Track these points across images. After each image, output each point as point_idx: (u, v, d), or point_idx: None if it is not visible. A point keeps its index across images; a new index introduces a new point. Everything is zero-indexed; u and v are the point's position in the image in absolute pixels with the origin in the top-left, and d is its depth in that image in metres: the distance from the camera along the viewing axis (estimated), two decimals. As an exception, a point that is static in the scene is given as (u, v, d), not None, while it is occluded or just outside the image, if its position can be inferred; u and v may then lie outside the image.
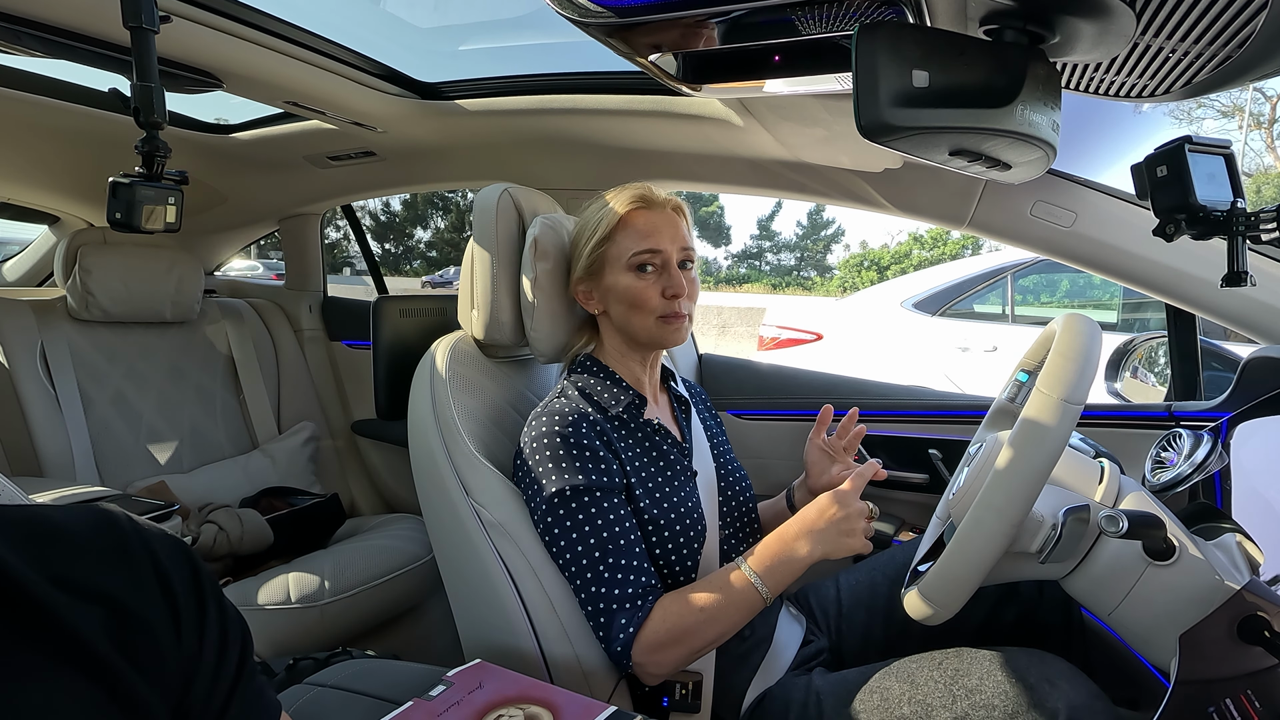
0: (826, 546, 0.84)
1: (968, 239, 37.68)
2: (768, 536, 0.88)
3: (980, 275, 3.45)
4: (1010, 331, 3.30)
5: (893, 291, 3.64)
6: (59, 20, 0.99)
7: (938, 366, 3.29)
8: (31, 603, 0.33)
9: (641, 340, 0.98)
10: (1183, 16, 0.57)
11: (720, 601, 0.84)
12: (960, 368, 3.25)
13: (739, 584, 0.84)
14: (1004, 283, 3.42)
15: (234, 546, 1.46)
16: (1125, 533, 0.65)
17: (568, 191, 1.52)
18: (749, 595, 0.84)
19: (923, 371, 3.29)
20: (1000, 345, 3.22)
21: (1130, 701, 0.92)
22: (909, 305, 3.49)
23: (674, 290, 0.94)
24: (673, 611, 0.84)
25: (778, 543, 0.86)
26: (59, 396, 1.54)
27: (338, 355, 2.16)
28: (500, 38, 1.76)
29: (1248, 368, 1.09)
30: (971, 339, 3.30)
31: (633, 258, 0.94)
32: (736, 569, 0.86)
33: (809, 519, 0.86)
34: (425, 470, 0.96)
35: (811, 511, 0.86)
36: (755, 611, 0.85)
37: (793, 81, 0.90)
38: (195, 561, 0.41)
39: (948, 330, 3.37)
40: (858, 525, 0.85)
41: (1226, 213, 0.73)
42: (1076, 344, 0.71)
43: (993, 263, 3.49)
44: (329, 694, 0.79)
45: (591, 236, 0.96)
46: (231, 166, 1.85)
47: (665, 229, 0.95)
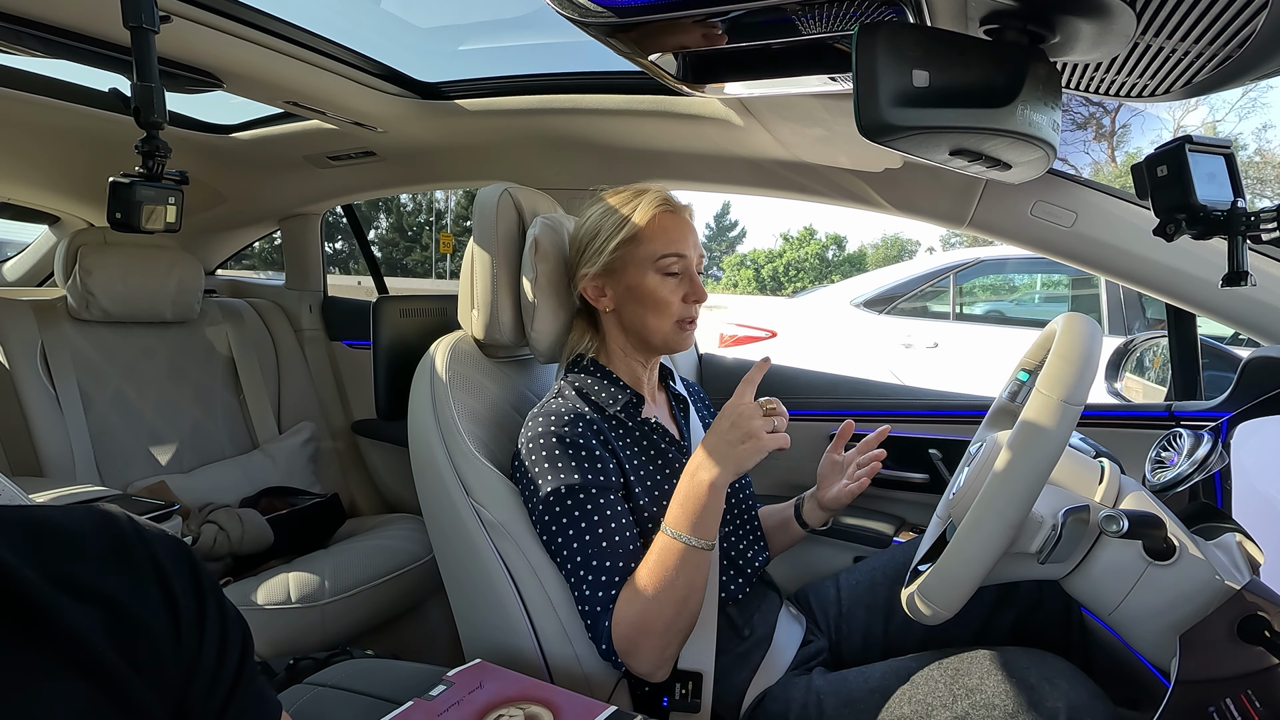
0: (731, 462, 0.80)
1: (832, 238, 39.46)
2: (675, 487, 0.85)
3: (924, 275, 3.67)
4: (951, 329, 3.53)
5: (843, 291, 3.86)
6: (59, 20, 0.99)
7: (883, 362, 3.49)
8: (31, 603, 0.33)
9: (654, 343, 0.98)
10: (1183, 16, 0.57)
11: (661, 572, 0.81)
12: (903, 363, 3.47)
13: (669, 546, 0.81)
14: (947, 282, 3.63)
15: (234, 546, 1.46)
16: (1125, 533, 0.65)
17: (568, 191, 1.52)
18: (684, 553, 0.81)
19: (868, 366, 3.47)
20: (941, 342, 3.45)
21: (1130, 701, 0.92)
22: (858, 304, 3.70)
23: (697, 296, 0.96)
24: (628, 600, 0.83)
25: (684, 487, 0.83)
26: (59, 396, 1.54)
27: (338, 355, 2.16)
28: (500, 38, 1.76)
29: (1248, 368, 1.09)
30: (915, 336, 3.52)
31: (661, 260, 0.94)
32: (661, 534, 0.83)
33: (703, 446, 0.82)
34: (425, 470, 0.96)
35: (704, 438, 0.83)
36: (702, 567, 0.82)
37: (793, 81, 0.90)
38: (195, 562, 0.41)
39: (893, 327, 3.58)
40: (750, 426, 0.80)
41: (1227, 213, 0.73)
42: (1076, 344, 0.71)
43: (937, 263, 3.75)
44: (329, 694, 0.79)
45: (615, 234, 0.95)
46: (231, 166, 1.85)
47: (689, 235, 0.97)
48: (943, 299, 3.70)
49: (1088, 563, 0.75)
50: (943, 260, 3.70)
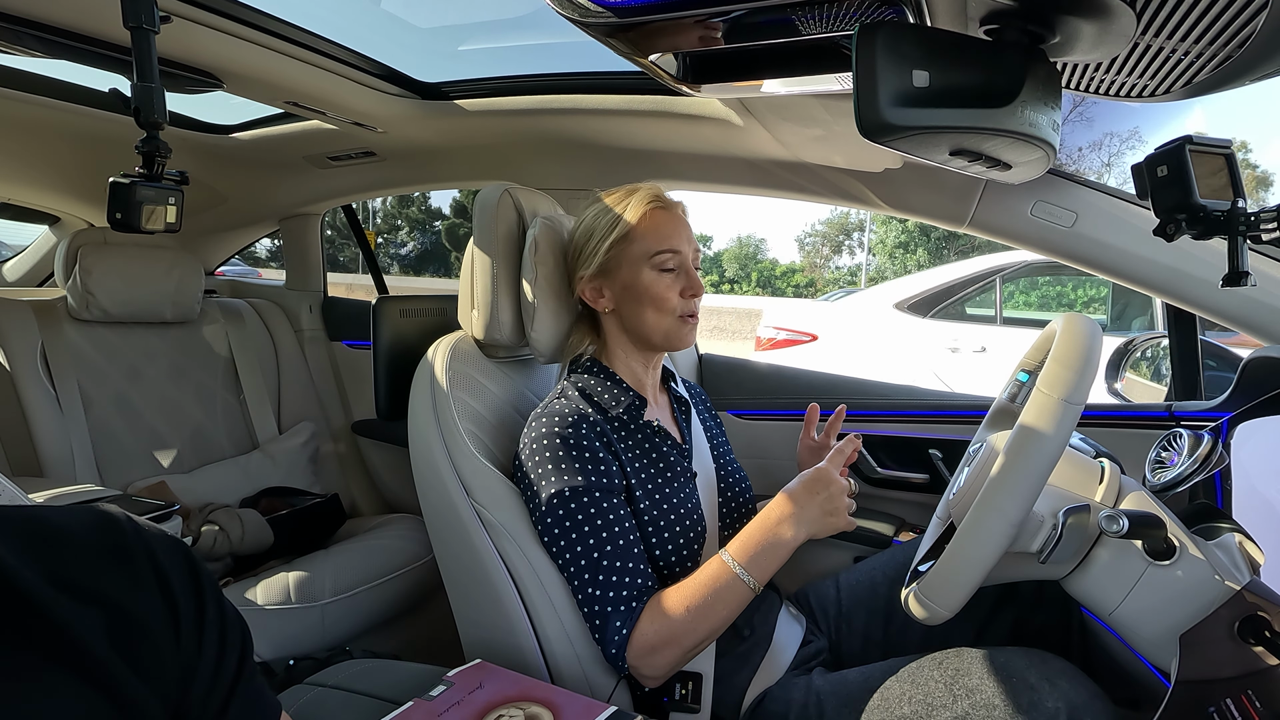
0: (812, 527, 0.82)
1: (700, 239, 40.64)
2: (750, 524, 0.86)
3: (969, 278, 3.59)
4: (997, 332, 3.43)
5: (885, 294, 3.78)
6: (59, 20, 0.99)
7: (928, 366, 3.42)
8: (30, 603, 0.33)
9: (655, 341, 0.98)
10: (1183, 16, 0.57)
11: (708, 598, 0.82)
12: (950, 367, 3.38)
13: (724, 577, 0.82)
14: (993, 285, 3.55)
15: (234, 547, 1.46)
16: (1125, 533, 0.65)
17: (568, 191, 1.52)
18: (736, 588, 0.82)
19: (913, 371, 3.40)
20: (988, 346, 3.36)
21: (1130, 701, 0.92)
22: (902, 308, 3.63)
23: (694, 290, 0.96)
24: (660, 613, 0.83)
25: (760, 530, 0.84)
26: (59, 397, 1.54)
27: (338, 355, 2.16)
28: (500, 38, 1.76)
29: (1248, 368, 1.09)
30: (961, 340, 3.43)
31: (655, 257, 0.94)
32: (720, 561, 0.84)
33: (791, 501, 0.83)
34: (425, 470, 0.96)
35: (794, 492, 0.84)
36: (745, 603, 0.83)
37: (792, 81, 0.90)
38: (195, 562, 0.41)
39: (938, 332, 3.50)
40: (840, 503, 0.83)
41: (1227, 213, 0.73)
42: (1077, 344, 0.71)
43: (980, 266, 3.67)
44: (329, 694, 0.79)
45: (608, 234, 0.96)
46: (231, 166, 1.85)
47: (683, 230, 0.97)
48: (981, 302, 3.62)
49: (1088, 563, 0.75)
50: (987, 263, 3.63)
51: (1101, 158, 14.27)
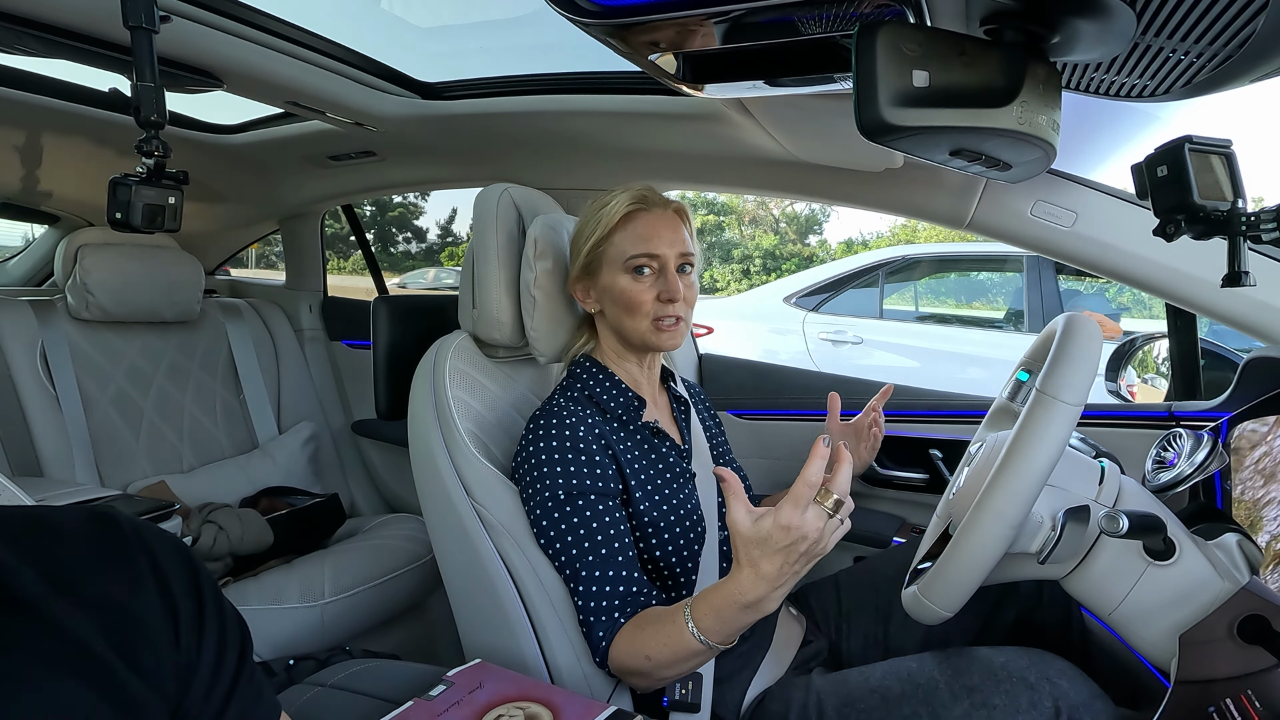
0: (792, 584, 0.70)
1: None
2: (723, 581, 0.73)
3: (852, 272, 3.81)
4: (876, 325, 3.67)
5: (777, 288, 3.98)
6: (59, 20, 0.99)
7: (809, 357, 3.64)
8: (29, 603, 0.33)
9: (634, 343, 0.97)
10: (1183, 16, 0.57)
11: (668, 654, 0.76)
12: (828, 358, 3.62)
13: (687, 642, 0.74)
14: (879, 277, 3.77)
15: (234, 546, 1.46)
16: (1125, 533, 0.65)
17: (568, 191, 1.52)
18: (700, 652, 0.75)
19: (795, 360, 3.58)
20: (866, 338, 3.60)
21: (1130, 701, 0.92)
22: (791, 301, 3.83)
23: (669, 294, 0.93)
24: (625, 650, 0.80)
25: (726, 603, 0.71)
26: (59, 396, 1.54)
27: (338, 355, 2.16)
28: (500, 38, 1.76)
29: (1248, 368, 1.09)
30: (842, 332, 3.68)
31: (629, 260, 0.93)
32: (683, 625, 0.74)
33: (757, 569, 0.68)
34: (425, 470, 0.96)
35: (761, 563, 0.68)
36: (710, 657, 0.77)
37: (793, 81, 0.90)
38: (194, 562, 0.41)
39: (822, 324, 3.72)
40: (816, 547, 0.67)
41: (1227, 213, 0.72)
42: (1076, 345, 0.72)
43: (865, 260, 3.91)
44: (329, 694, 0.79)
45: (591, 235, 0.96)
46: (231, 166, 1.85)
47: (665, 232, 0.94)
48: (900, 298, 3.85)
49: (1088, 563, 0.75)
50: (870, 258, 3.84)
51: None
